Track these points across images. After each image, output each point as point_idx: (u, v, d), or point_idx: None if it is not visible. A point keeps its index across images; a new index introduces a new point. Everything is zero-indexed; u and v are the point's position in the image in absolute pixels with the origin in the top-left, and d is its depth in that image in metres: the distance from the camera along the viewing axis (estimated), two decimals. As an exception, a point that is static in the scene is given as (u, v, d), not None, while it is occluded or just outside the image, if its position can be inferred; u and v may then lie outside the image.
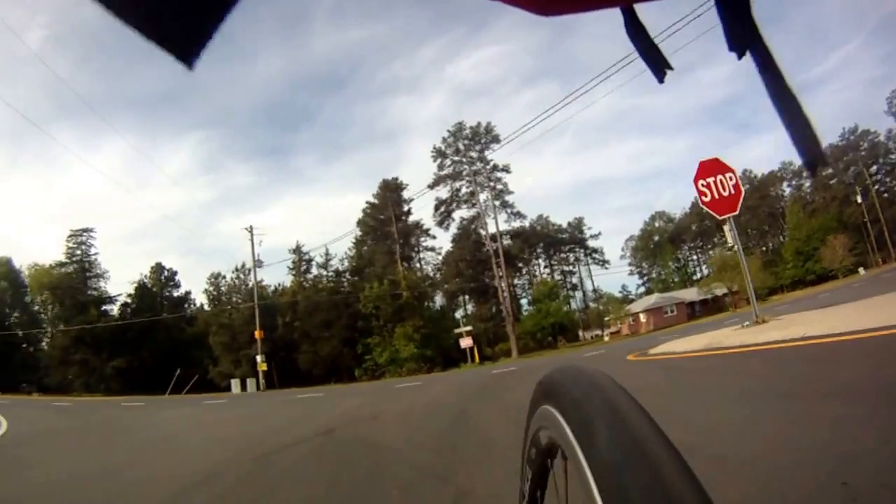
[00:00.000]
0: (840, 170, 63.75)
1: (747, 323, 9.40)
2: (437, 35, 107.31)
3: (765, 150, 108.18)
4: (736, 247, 9.99)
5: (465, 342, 32.44)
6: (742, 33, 0.47)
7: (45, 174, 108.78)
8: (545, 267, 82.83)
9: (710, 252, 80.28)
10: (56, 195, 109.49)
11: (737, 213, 8.79)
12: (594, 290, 79.56)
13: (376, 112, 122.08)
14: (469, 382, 12.98)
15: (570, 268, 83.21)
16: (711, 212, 8.75)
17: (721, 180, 8.64)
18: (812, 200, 65.98)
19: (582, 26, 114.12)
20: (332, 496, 3.49)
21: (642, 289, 79.87)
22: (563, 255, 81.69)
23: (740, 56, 0.48)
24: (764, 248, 71.80)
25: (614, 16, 0.52)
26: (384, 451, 4.86)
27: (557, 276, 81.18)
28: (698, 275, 77.77)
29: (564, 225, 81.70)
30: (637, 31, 0.53)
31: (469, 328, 34.95)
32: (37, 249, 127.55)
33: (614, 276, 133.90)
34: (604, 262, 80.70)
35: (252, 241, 38.64)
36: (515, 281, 72.99)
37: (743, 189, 8.90)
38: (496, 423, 5.53)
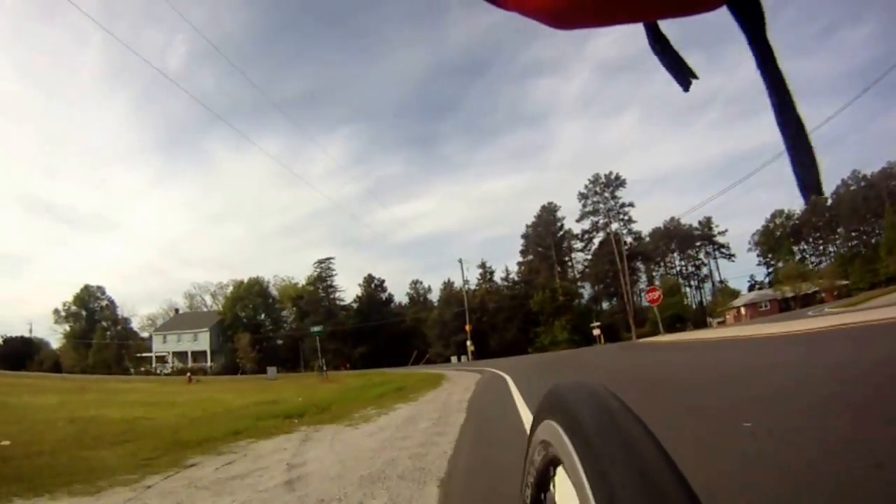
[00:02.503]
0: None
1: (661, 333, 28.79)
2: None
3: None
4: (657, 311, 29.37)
5: (596, 332, 50.99)
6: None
7: (199, 176, 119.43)
8: (680, 260, 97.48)
9: (831, 246, 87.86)
10: (208, 193, 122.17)
11: (659, 303, 28.10)
12: (720, 282, 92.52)
13: (519, 95, 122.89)
14: (588, 349, 32.96)
15: (703, 261, 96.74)
16: (651, 304, 28.00)
17: (655, 294, 27.87)
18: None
19: None
20: (558, 367, 24.04)
21: (767, 279, 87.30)
22: (690, 253, 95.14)
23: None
24: (866, 246, 76.19)
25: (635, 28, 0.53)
26: (563, 357, 25.35)
27: (691, 268, 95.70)
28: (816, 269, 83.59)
29: (695, 224, 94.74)
30: (661, 44, 0.55)
31: (598, 324, 53.44)
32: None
33: (743, 265, 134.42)
34: (730, 256, 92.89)
35: (462, 268, 61.38)
36: (653, 274, 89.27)
37: (661, 293, 28.37)
38: (585, 356, 25.75)
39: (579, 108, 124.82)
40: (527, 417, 5.82)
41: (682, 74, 0.56)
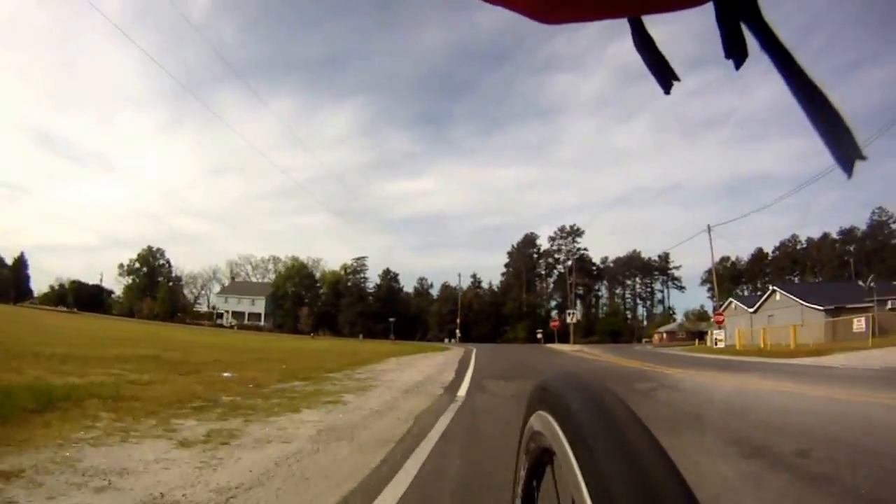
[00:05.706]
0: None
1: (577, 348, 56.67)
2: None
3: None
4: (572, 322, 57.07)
5: (539, 335, 76.67)
6: (739, 43, 0.46)
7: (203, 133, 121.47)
8: (639, 286, 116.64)
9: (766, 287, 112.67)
10: (210, 152, 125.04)
11: (558, 327, 55.50)
12: (669, 308, 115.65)
13: (535, 88, 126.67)
14: (526, 345, 60.44)
15: (659, 288, 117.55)
16: (554, 329, 55.24)
17: (555, 323, 54.95)
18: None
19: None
20: (497, 349, 51.59)
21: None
22: (647, 281, 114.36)
23: (738, 66, 0.47)
24: None
25: (621, 25, 0.53)
26: (506, 346, 52.87)
27: (647, 292, 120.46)
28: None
29: (655, 257, 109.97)
30: (644, 42, 0.54)
31: (541, 330, 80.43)
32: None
33: (698, 295, 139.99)
34: (681, 288, 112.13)
35: (459, 280, 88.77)
36: (615, 292, 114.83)
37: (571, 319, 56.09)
38: (514, 347, 53.18)
39: (592, 109, 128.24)
40: (474, 353, 32.74)
41: (664, 75, 0.55)
